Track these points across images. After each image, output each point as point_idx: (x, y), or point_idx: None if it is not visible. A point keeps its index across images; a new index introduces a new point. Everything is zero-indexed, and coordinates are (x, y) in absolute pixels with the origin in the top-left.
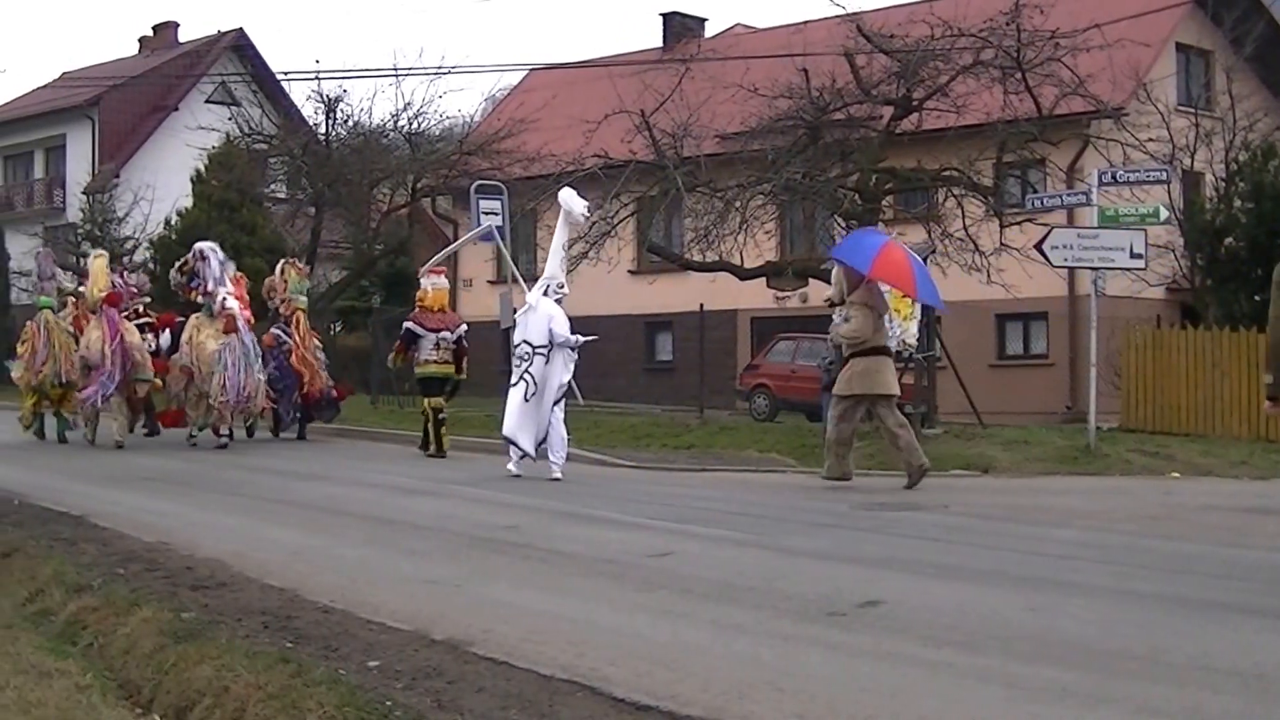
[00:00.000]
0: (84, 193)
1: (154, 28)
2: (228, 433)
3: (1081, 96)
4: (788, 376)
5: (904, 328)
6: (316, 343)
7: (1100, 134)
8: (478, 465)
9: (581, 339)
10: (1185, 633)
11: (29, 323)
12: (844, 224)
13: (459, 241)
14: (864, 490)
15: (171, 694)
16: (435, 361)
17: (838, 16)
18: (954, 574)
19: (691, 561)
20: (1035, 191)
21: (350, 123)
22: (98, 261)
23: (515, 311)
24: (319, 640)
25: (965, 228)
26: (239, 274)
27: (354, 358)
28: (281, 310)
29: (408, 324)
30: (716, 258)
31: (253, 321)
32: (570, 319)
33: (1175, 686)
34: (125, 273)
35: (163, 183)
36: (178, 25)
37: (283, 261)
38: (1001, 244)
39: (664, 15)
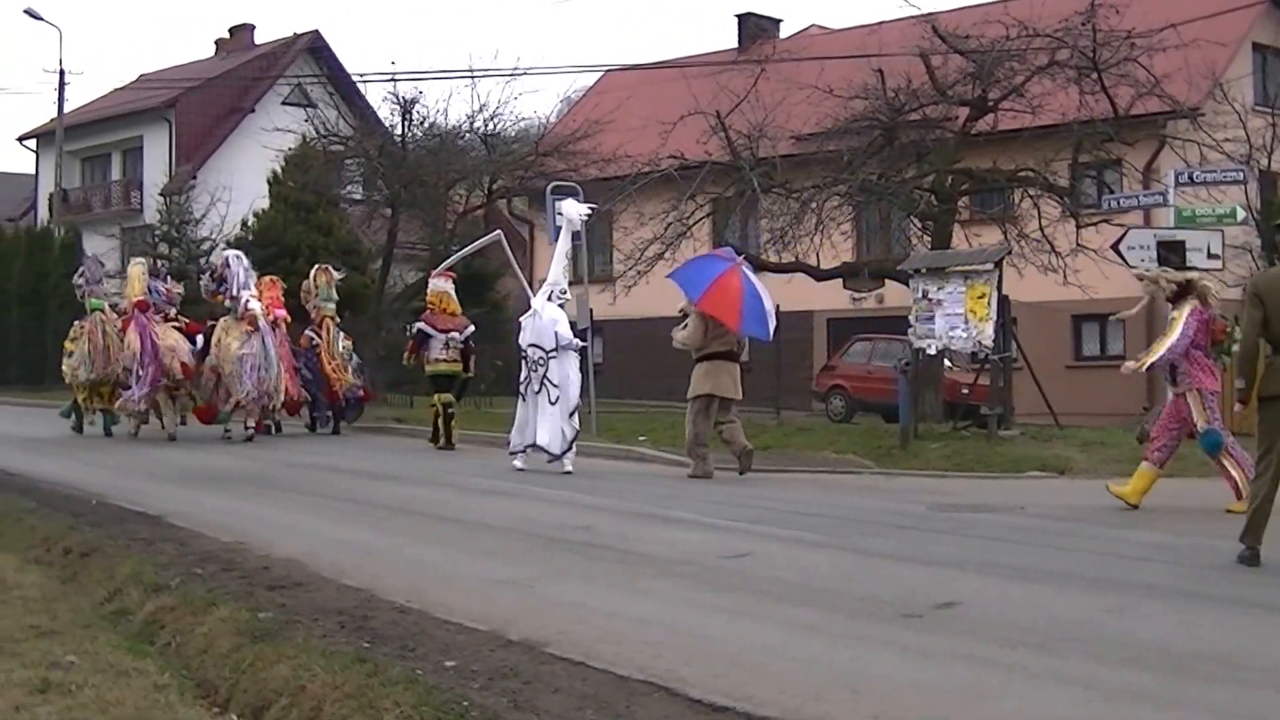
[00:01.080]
0: (161, 194)
1: (230, 30)
2: (252, 427)
3: (1157, 96)
4: (864, 377)
5: (979, 329)
6: (347, 345)
7: (1176, 134)
8: (551, 466)
9: (581, 343)
10: (1261, 637)
11: (76, 323)
12: (920, 225)
13: (471, 246)
14: (940, 492)
15: (248, 693)
16: (445, 360)
17: (913, 17)
18: (1030, 575)
19: (767, 563)
20: (1111, 192)
21: (426, 124)
22: (135, 268)
23: (525, 316)
24: (395, 640)
25: (1041, 229)
26: (274, 277)
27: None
28: (312, 315)
29: (420, 325)
30: (792, 259)
31: (289, 321)
32: (647, 321)
33: (1249, 690)
34: (166, 279)
35: (239, 184)
36: (254, 27)
37: (315, 268)
38: (1077, 245)
39: (739, 16)
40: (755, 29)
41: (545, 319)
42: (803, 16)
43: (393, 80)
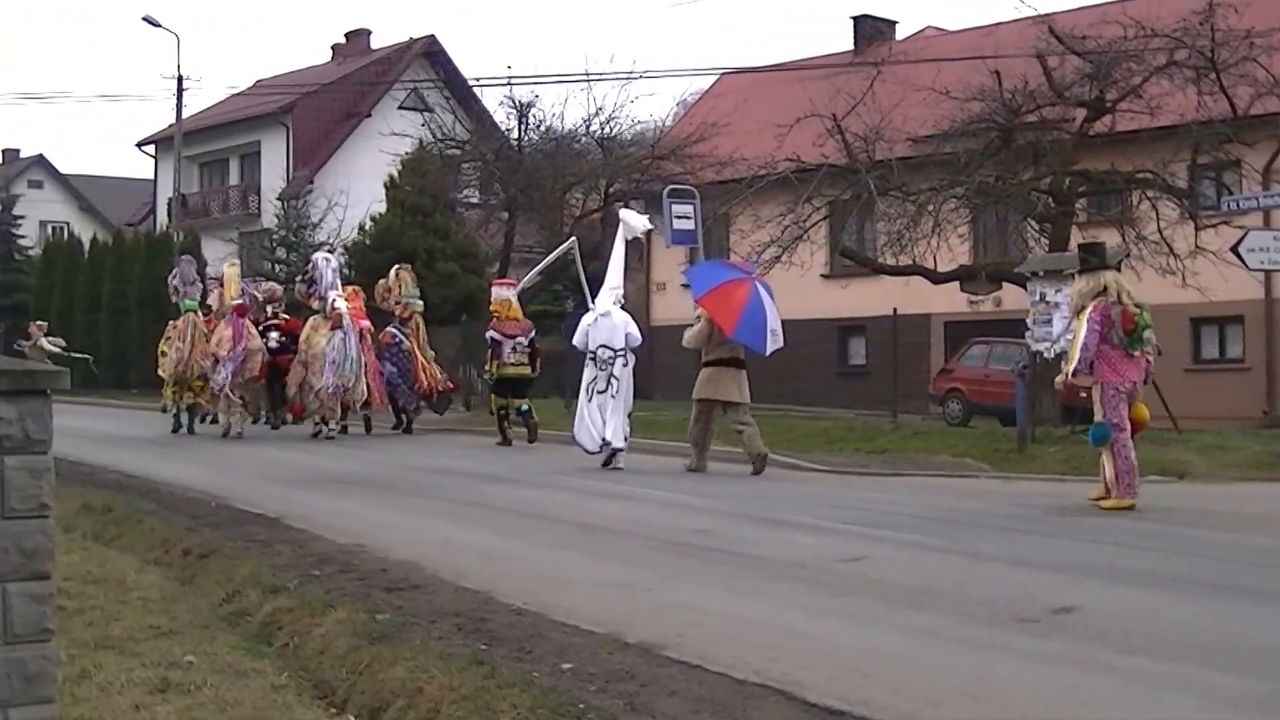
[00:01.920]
0: (278, 199)
1: (346, 35)
2: (336, 426)
3: (1277, 96)
4: (981, 380)
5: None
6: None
7: None
8: (668, 469)
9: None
10: None
11: (170, 323)
12: (1037, 227)
13: (549, 258)
14: (1057, 496)
15: (365, 695)
16: (513, 364)
17: (1029, 18)
18: (1148, 580)
19: (884, 566)
20: (1230, 193)
21: (542, 128)
22: (230, 270)
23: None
24: (512, 642)
25: (1159, 230)
26: (356, 288)
27: (548, 361)
28: (398, 312)
29: (490, 334)
30: (909, 261)
31: (372, 331)
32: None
33: None
34: (254, 282)
35: (356, 188)
36: (370, 32)
37: (396, 267)
38: (1196, 247)
39: (855, 18)
40: (871, 31)
41: (617, 321)
42: (919, 18)
43: (509, 84)
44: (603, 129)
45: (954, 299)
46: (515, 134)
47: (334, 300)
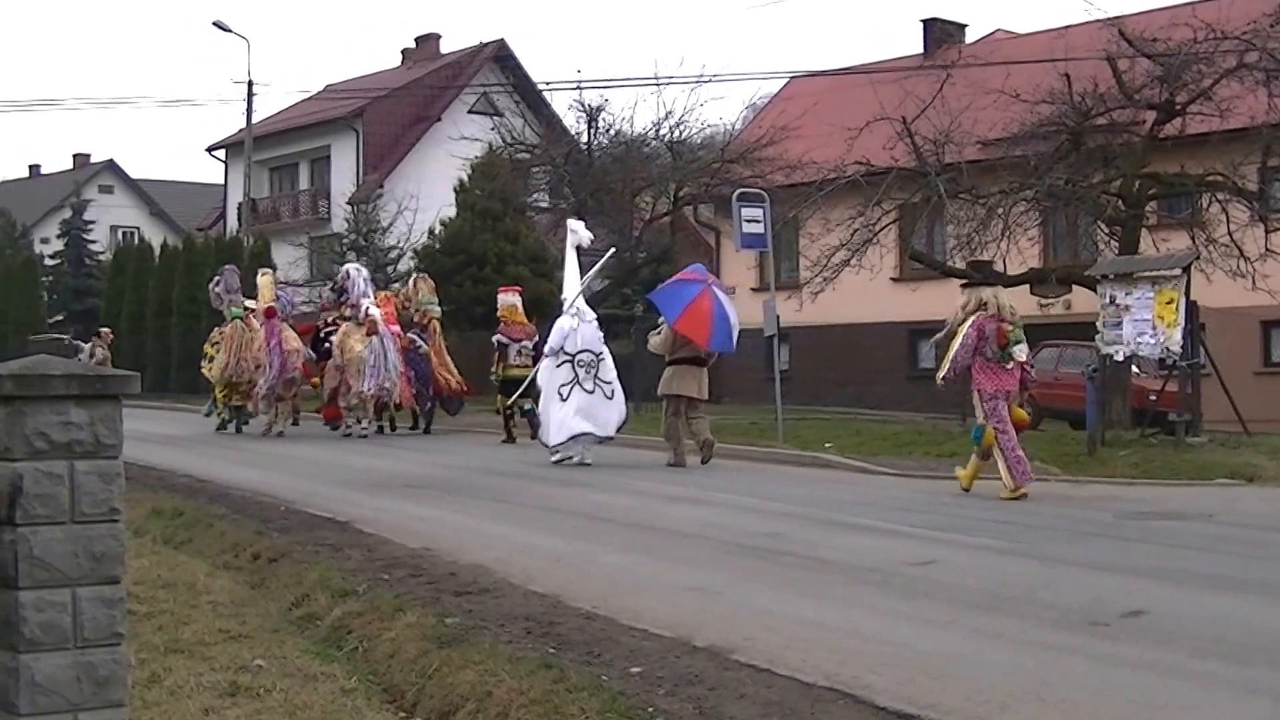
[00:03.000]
0: (348, 203)
1: (416, 40)
2: (367, 426)
3: None
4: (1051, 384)
5: (1167, 335)
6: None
7: None
8: (739, 473)
9: None
10: None
11: (216, 329)
12: (1107, 230)
13: (595, 268)
14: (1127, 499)
15: (435, 698)
16: (518, 366)
17: (1099, 21)
18: (1220, 584)
19: (954, 570)
20: None
21: (611, 132)
22: (264, 279)
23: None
24: (581, 646)
25: (1230, 233)
26: (388, 294)
27: (616, 365)
28: (416, 319)
29: (497, 337)
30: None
31: (399, 335)
32: (834, 327)
33: None
34: (289, 288)
35: (426, 192)
36: (440, 37)
37: (414, 276)
38: (1266, 249)
39: (924, 21)
40: (941, 34)
41: (592, 324)
42: (988, 21)
43: (578, 88)
44: (672, 133)
45: (1024, 302)
46: (585, 138)
47: (367, 308)
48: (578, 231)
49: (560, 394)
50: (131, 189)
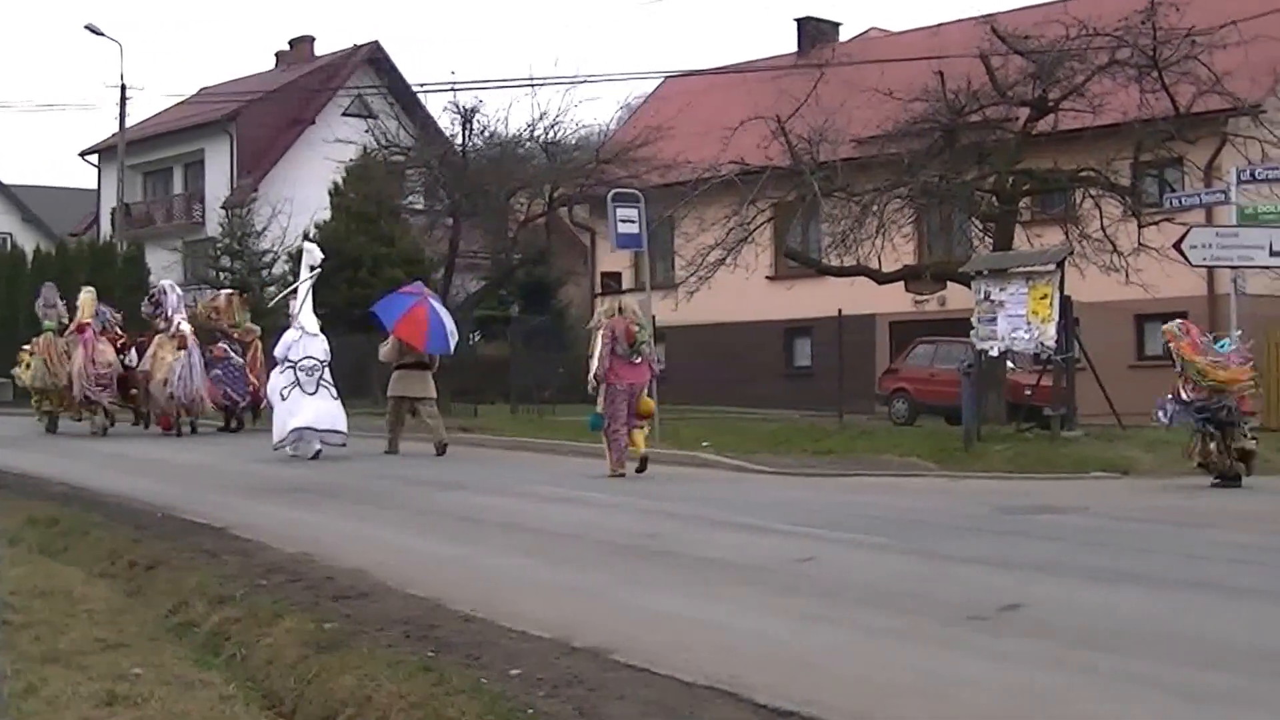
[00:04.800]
0: (223, 207)
1: (290, 42)
2: (176, 428)
3: (1219, 94)
4: (927, 380)
5: (1042, 330)
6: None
7: (1238, 132)
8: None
9: None
10: None
11: (34, 339)
12: (981, 226)
13: (303, 288)
14: (1004, 493)
15: (314, 704)
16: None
17: (973, 19)
18: (1097, 576)
19: (834, 567)
20: (1173, 191)
21: (486, 133)
22: (85, 295)
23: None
24: (461, 649)
25: (1103, 228)
26: (233, 293)
27: (493, 367)
28: (237, 335)
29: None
30: (854, 262)
31: (216, 347)
32: (711, 327)
33: None
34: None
35: (301, 196)
36: (314, 39)
37: (229, 293)
38: (1140, 244)
39: (798, 20)
40: (815, 33)
41: (318, 337)
42: (862, 19)
43: (453, 90)
44: (547, 134)
45: (899, 299)
46: (459, 140)
47: (179, 323)
48: (311, 251)
49: (281, 395)
50: (3, 194)
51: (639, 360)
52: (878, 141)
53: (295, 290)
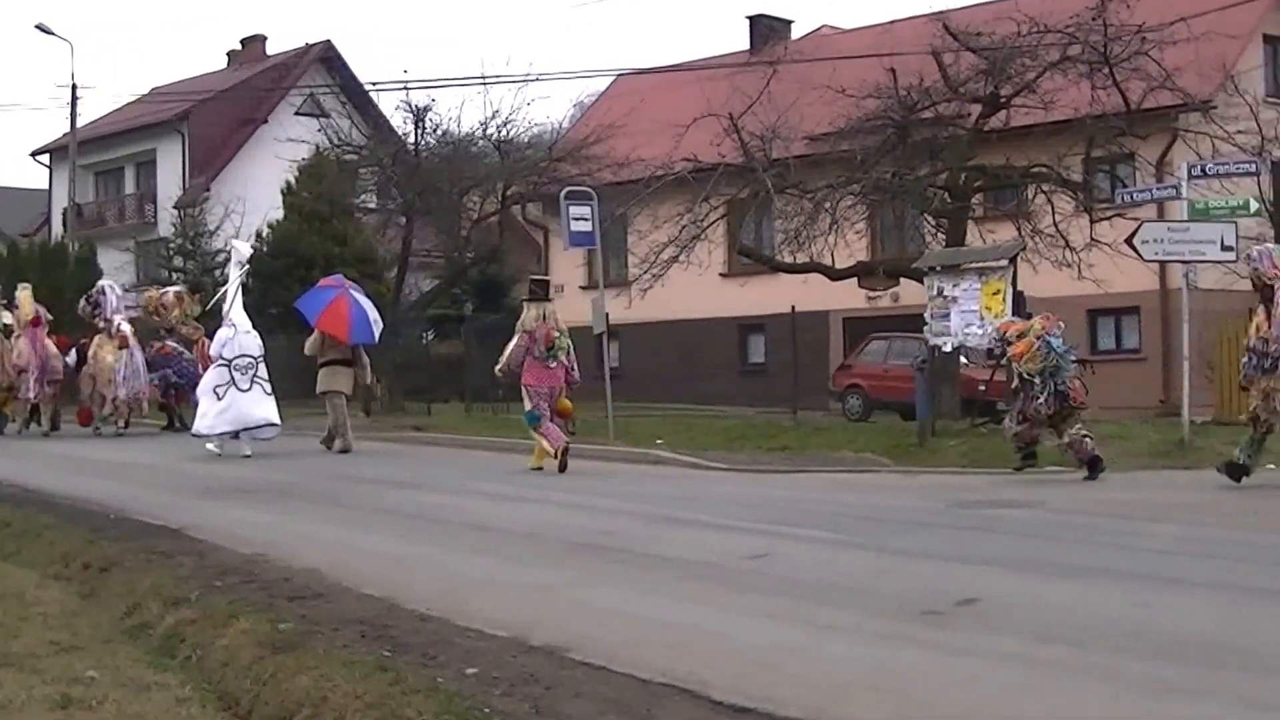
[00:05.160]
0: (175, 207)
1: (242, 41)
2: (123, 425)
3: (1169, 90)
4: (881, 376)
5: (995, 325)
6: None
7: (1189, 127)
8: (572, 472)
9: None
10: None
11: None
12: (934, 222)
13: (234, 285)
14: (959, 488)
15: (270, 705)
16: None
17: (925, 15)
18: (1052, 571)
19: (788, 563)
20: (1124, 186)
21: (439, 132)
22: (23, 293)
23: (224, 332)
24: (417, 648)
25: (1055, 224)
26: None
27: (447, 365)
28: (186, 333)
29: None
30: (807, 259)
31: (166, 345)
32: (664, 324)
33: None
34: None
35: (253, 195)
36: (266, 39)
37: (177, 290)
38: (1091, 239)
39: (751, 18)
40: (767, 30)
41: (251, 334)
42: (815, 17)
43: (405, 89)
44: (499, 132)
45: (853, 295)
46: (412, 138)
47: (119, 324)
48: (239, 249)
49: (216, 394)
50: None
51: (554, 364)
52: (830, 138)
53: (226, 291)
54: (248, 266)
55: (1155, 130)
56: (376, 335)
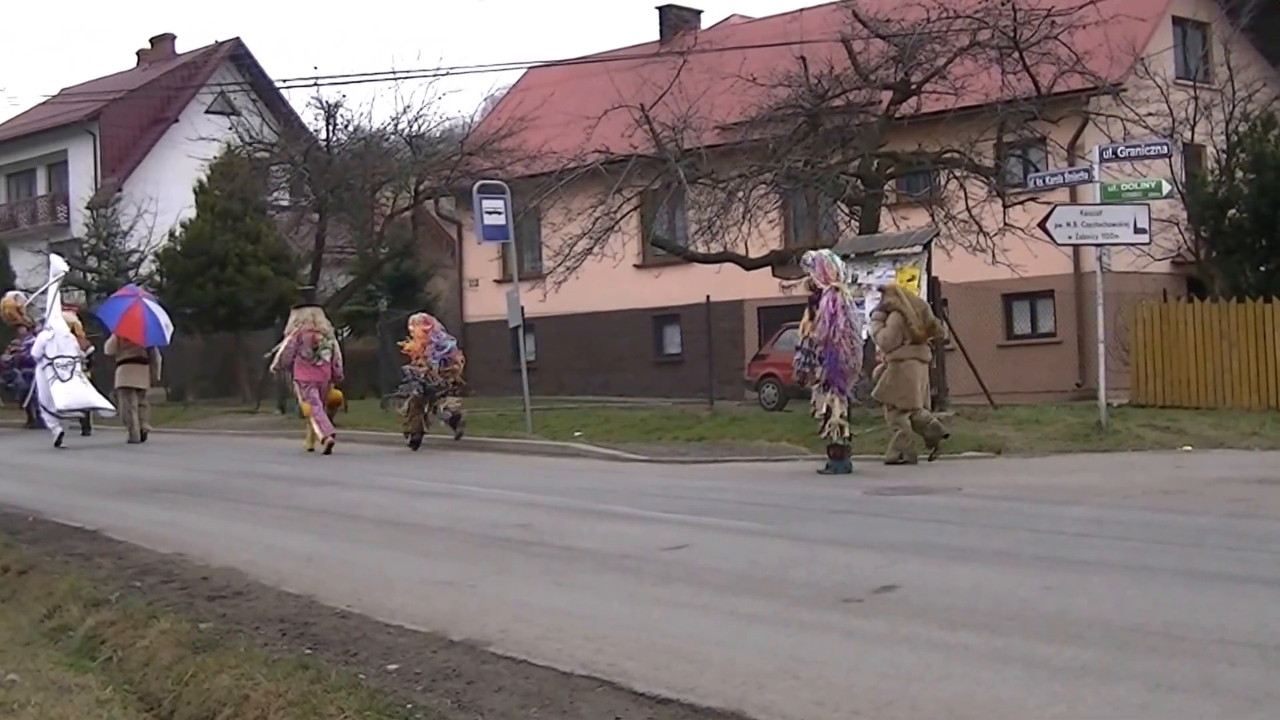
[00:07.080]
0: (87, 208)
1: (151, 40)
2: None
3: (1079, 74)
4: None
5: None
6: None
7: (1100, 110)
8: (489, 465)
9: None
10: (1201, 606)
11: None
12: (847, 210)
13: (50, 292)
14: (876, 475)
15: (192, 705)
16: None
17: (833, 3)
18: (969, 556)
19: (707, 553)
20: (1037, 170)
21: (350, 128)
22: None
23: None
24: (337, 645)
25: (968, 209)
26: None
27: (361, 362)
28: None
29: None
30: (721, 249)
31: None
32: (578, 316)
33: (1193, 660)
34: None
35: (165, 195)
36: (175, 37)
37: (13, 293)
38: (1005, 224)
39: (660, 8)
40: (676, 20)
41: (70, 337)
42: (723, 6)
43: (315, 85)
44: (411, 127)
45: (767, 285)
46: (323, 135)
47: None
48: (54, 262)
49: (49, 385)
50: None
51: (320, 363)
52: (742, 128)
53: (45, 294)
54: (63, 276)
55: (1066, 114)
56: (168, 337)
